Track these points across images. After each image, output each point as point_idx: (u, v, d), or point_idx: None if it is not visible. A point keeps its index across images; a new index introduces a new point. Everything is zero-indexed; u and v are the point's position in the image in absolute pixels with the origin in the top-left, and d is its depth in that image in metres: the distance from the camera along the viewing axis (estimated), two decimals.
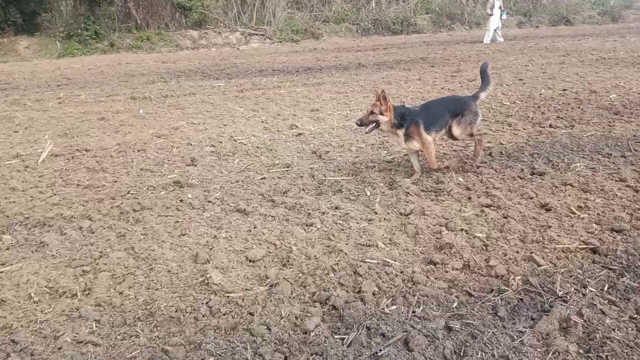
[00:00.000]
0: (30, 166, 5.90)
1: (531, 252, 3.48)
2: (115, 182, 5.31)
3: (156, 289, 3.24)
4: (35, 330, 2.87)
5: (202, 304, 3.05)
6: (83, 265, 3.57)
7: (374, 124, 4.95)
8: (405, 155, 5.67)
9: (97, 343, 2.74)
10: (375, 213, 4.28)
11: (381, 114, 4.91)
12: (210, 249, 3.75)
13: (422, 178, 5.06)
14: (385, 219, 4.17)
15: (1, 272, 3.51)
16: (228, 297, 3.13)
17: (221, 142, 6.69)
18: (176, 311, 2.99)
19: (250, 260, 3.60)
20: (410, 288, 3.14)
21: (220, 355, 2.60)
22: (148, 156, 6.13)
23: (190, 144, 6.61)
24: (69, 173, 5.61)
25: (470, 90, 9.59)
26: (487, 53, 15.75)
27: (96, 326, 2.89)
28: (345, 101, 9.04)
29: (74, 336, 2.79)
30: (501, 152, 5.82)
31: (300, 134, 6.96)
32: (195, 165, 5.78)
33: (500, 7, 19.11)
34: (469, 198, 4.52)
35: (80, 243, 3.92)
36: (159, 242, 3.90)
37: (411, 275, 3.28)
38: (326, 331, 2.76)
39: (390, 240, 3.81)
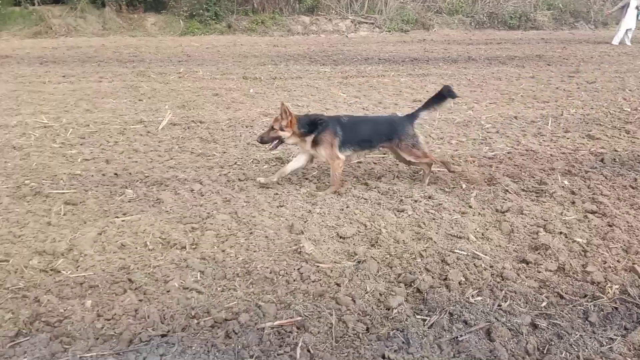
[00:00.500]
0: (151, 132, 6.53)
1: (633, 263, 3.29)
2: (224, 153, 5.73)
3: (254, 251, 3.52)
4: (149, 274, 3.25)
5: (294, 269, 3.27)
6: (192, 223, 3.95)
7: (277, 140, 4.64)
8: (501, 154, 5.52)
9: (200, 291, 3.06)
10: (470, 207, 4.24)
11: (281, 129, 4.58)
12: (305, 222, 3.97)
13: (522, 177, 4.90)
14: (479, 214, 4.13)
15: (123, 220, 3.98)
16: (318, 266, 3.32)
17: None
18: (270, 273, 3.24)
19: (340, 237, 3.76)
20: (498, 283, 3.13)
21: (307, 316, 2.79)
22: (255, 132, 6.51)
23: None
24: (185, 141, 6.13)
25: (590, 92, 8.99)
26: (612, 55, 14.53)
27: (200, 276, 3.22)
28: None
29: (181, 282, 3.14)
30: (614, 159, 5.45)
31: None
32: None
33: (637, 7, 17.37)
34: (573, 202, 4.32)
35: (191, 203, 4.32)
36: (259, 210, 4.19)
37: (501, 271, 3.25)
38: (408, 310, 2.85)
39: (482, 235, 3.78)
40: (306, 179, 4.92)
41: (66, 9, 18.01)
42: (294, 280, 3.18)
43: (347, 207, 4.25)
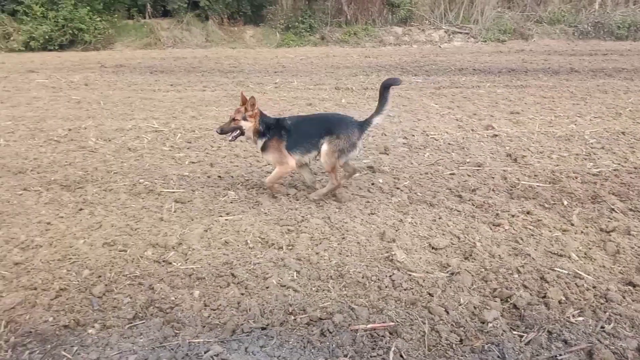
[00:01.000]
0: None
1: None
2: (317, 161, 5.91)
3: (346, 256, 3.62)
4: (249, 270, 3.46)
5: (386, 276, 3.33)
6: (288, 225, 4.14)
7: (237, 131, 4.62)
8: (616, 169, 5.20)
9: (296, 289, 3.21)
10: (572, 224, 4.06)
11: (244, 119, 4.57)
12: (396, 231, 4.01)
13: (630, 196, 4.59)
14: (582, 232, 3.94)
15: (226, 219, 4.26)
16: (410, 275, 3.35)
17: (413, 136, 6.90)
18: (362, 277, 3.32)
19: (432, 247, 3.76)
20: (601, 304, 2.98)
21: (399, 322, 2.84)
22: None
23: (384, 134, 6.96)
24: None
25: None
26: None
27: (296, 276, 3.38)
28: (551, 106, 8.47)
29: (279, 280, 3.31)
30: None
31: (495, 135, 6.80)
32: (388, 154, 6.10)
33: None
34: None
35: (287, 207, 4.52)
36: (351, 216, 4.29)
37: (605, 292, 3.09)
38: (504, 325, 2.80)
39: (585, 254, 3.60)
40: (397, 188, 4.95)
41: (173, 22, 19.41)
42: (386, 287, 3.24)
43: (439, 219, 4.23)
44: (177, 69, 13.38)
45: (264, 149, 4.68)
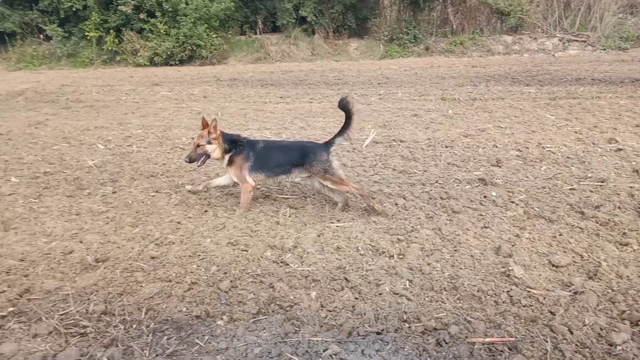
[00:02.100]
0: (356, 149, 7.03)
1: None
2: (425, 171, 5.90)
3: (460, 268, 3.59)
4: (362, 275, 3.56)
5: (503, 291, 3.26)
6: (398, 235, 4.19)
7: (204, 156, 4.72)
8: None
9: (409, 298, 3.25)
10: None
11: (209, 143, 4.68)
12: (512, 246, 3.90)
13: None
14: None
15: (337, 226, 4.41)
16: (529, 292, 3.24)
17: (527, 148, 6.62)
18: (478, 291, 3.28)
19: (553, 265, 3.61)
20: None
21: (519, 339, 2.77)
22: (455, 152, 6.55)
23: (496, 146, 6.75)
24: (387, 158, 6.47)
25: None
26: None
27: (409, 285, 3.41)
28: None
29: (392, 287, 3.37)
30: None
31: (620, 150, 6.32)
32: (500, 167, 5.91)
33: None
34: None
35: (396, 216, 4.57)
36: (463, 229, 4.24)
37: None
38: (635, 350, 2.63)
39: None
40: (512, 202, 4.80)
41: (282, 37, 20.30)
42: (503, 302, 3.17)
43: (559, 235, 4.04)
44: (285, 82, 13.97)
45: (229, 164, 4.82)
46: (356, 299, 3.29)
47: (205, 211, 4.91)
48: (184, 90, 12.73)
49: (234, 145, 4.79)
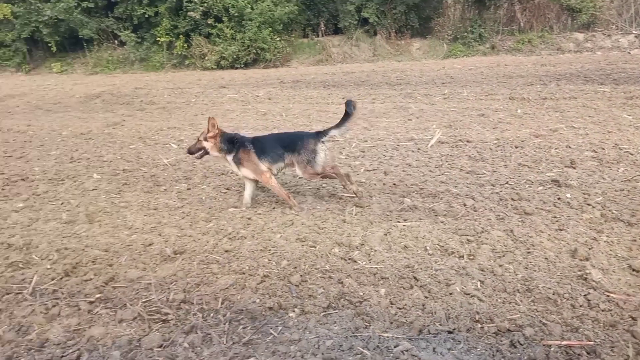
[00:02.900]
0: (421, 149, 6.97)
1: None
2: (494, 172, 5.77)
3: (533, 271, 3.50)
4: (431, 275, 3.55)
5: (580, 294, 3.15)
6: (467, 235, 4.13)
7: (202, 150, 4.99)
8: None
9: (481, 298, 3.21)
10: None
11: (205, 140, 4.93)
12: (589, 249, 3.75)
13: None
14: None
15: (404, 225, 4.41)
16: (608, 296, 3.12)
17: (603, 149, 6.31)
18: (553, 294, 3.19)
19: (633, 269, 3.45)
20: None
21: (598, 343, 2.68)
22: (525, 153, 6.36)
23: (570, 147, 6.48)
24: (453, 159, 6.38)
25: None
26: None
27: (480, 285, 3.37)
28: None
29: (462, 288, 3.35)
30: None
31: None
32: (574, 168, 5.68)
33: None
34: None
35: (465, 217, 4.51)
36: (537, 231, 4.12)
37: None
38: None
39: None
40: (588, 204, 4.61)
41: (344, 38, 20.41)
42: (580, 306, 3.07)
43: None
44: (347, 83, 14.04)
45: (237, 164, 4.95)
46: (426, 297, 3.29)
47: (274, 208, 5.05)
48: (249, 92, 13.09)
49: (232, 144, 4.95)
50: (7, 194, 5.84)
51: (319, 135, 4.86)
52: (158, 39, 19.59)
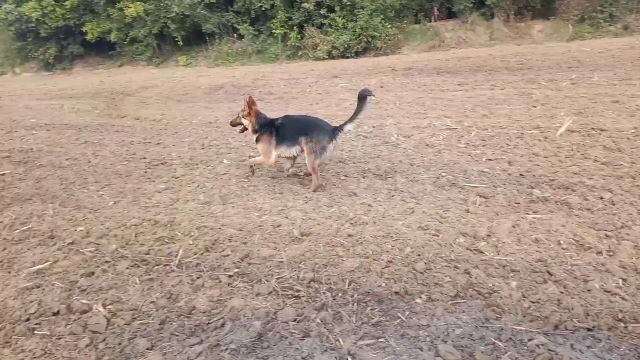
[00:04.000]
0: (548, 137, 6.58)
1: None
2: (633, 163, 5.30)
3: None
4: (567, 270, 3.40)
5: None
6: (605, 230, 3.88)
7: (241, 125, 5.71)
8: None
9: (623, 297, 3.02)
10: None
11: (243, 117, 5.60)
12: None
13: None
14: None
15: (534, 218, 4.24)
16: None
17: None
18: None
19: None
20: None
21: None
22: None
23: None
24: (586, 148, 5.95)
25: None
26: None
27: (622, 283, 3.16)
28: None
29: (602, 285, 3.17)
30: None
31: None
32: None
33: None
34: None
35: (602, 211, 4.23)
36: None
37: None
38: None
39: None
40: None
41: (458, 22, 19.68)
42: None
43: None
44: (462, 69, 13.57)
45: (257, 141, 5.63)
46: (561, 292, 3.16)
47: (392, 196, 5.10)
48: (361, 81, 13.18)
49: (261, 127, 5.57)
50: (149, 177, 6.50)
51: (335, 131, 5.27)
52: (273, 31, 20.34)
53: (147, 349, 3.02)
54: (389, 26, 18.83)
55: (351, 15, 18.98)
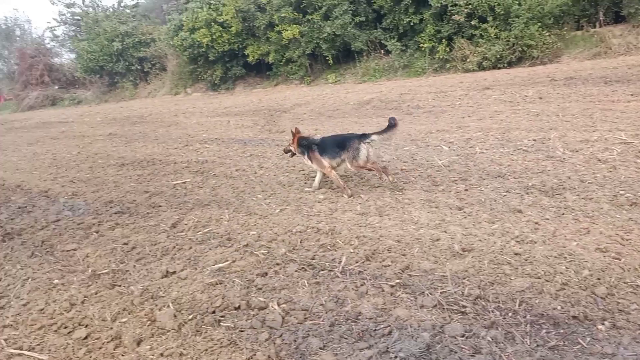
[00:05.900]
0: None
1: None
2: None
3: None
4: None
5: None
6: None
7: (290, 152, 6.76)
8: None
9: None
10: None
11: (290, 144, 6.68)
12: None
13: None
14: None
15: None
16: None
17: None
18: None
19: None
20: None
21: None
22: None
23: None
24: None
25: None
26: None
27: None
28: None
29: None
30: None
31: None
32: None
33: None
34: None
35: None
36: None
37: None
38: None
39: None
40: None
41: (627, 27, 17.71)
42: None
43: None
44: (635, 78, 12.16)
45: (310, 159, 6.40)
46: None
47: (563, 214, 4.77)
48: (516, 93, 12.51)
49: (303, 148, 6.44)
50: (309, 188, 6.92)
51: (362, 137, 6.02)
52: (421, 45, 20.28)
53: (320, 348, 3.22)
54: (547, 34, 17.64)
55: (505, 24, 18.18)
